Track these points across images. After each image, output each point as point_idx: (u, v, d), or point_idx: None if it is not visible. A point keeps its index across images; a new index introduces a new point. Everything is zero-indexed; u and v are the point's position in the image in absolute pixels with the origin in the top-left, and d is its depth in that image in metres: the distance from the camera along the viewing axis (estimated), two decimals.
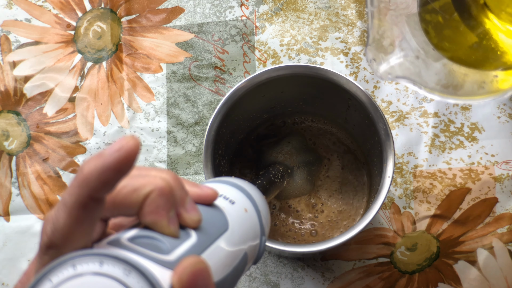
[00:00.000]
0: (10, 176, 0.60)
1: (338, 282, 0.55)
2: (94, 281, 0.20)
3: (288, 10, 0.59)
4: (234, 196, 0.31)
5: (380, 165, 0.46)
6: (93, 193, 0.22)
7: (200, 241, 0.25)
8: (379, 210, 0.47)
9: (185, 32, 0.60)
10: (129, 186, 0.25)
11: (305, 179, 0.53)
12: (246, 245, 0.29)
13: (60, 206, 0.22)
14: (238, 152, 0.56)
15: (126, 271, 0.20)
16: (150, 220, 0.24)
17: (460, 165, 0.55)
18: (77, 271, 0.20)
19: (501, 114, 0.56)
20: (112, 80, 0.60)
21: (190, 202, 0.26)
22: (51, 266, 0.20)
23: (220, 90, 0.59)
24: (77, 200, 0.22)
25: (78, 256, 0.21)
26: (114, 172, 0.22)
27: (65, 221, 0.22)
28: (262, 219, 0.32)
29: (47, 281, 0.20)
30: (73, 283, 0.20)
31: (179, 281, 0.21)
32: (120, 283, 0.20)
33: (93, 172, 0.21)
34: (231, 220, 0.28)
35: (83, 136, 0.60)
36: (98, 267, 0.20)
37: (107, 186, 0.22)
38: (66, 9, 0.62)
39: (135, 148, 0.22)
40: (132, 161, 0.22)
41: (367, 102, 0.45)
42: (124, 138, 0.22)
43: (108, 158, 0.21)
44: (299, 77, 0.47)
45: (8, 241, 0.59)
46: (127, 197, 0.24)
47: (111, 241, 0.24)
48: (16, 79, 0.61)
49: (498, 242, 0.54)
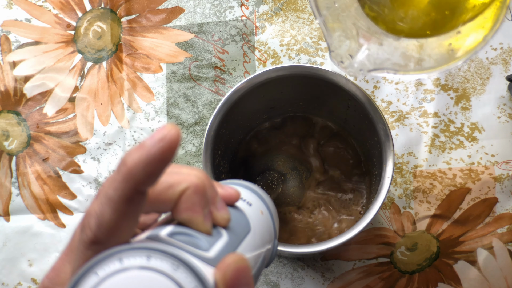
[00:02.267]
0: (10, 176, 0.60)
1: (338, 282, 0.55)
2: (141, 275, 0.20)
3: (288, 10, 0.59)
4: (250, 198, 0.31)
5: (380, 166, 0.46)
6: (138, 186, 0.21)
7: (230, 240, 0.25)
8: (379, 210, 0.47)
9: (185, 32, 0.60)
10: (165, 182, 0.24)
11: (297, 187, 0.54)
12: (264, 247, 0.29)
13: (104, 201, 0.21)
14: (237, 154, 0.56)
15: (174, 266, 0.20)
16: (186, 216, 0.24)
17: (460, 165, 0.55)
18: (124, 265, 0.20)
19: (501, 114, 0.56)
20: (112, 80, 0.60)
21: (221, 201, 0.26)
22: (97, 259, 0.20)
23: (220, 90, 0.59)
24: (123, 194, 0.21)
25: (124, 249, 0.20)
26: (158, 163, 0.21)
27: (111, 216, 0.21)
28: (275, 222, 0.32)
29: (93, 274, 0.20)
30: (120, 277, 0.19)
31: (223, 277, 0.21)
32: (168, 277, 0.20)
33: (138, 164, 0.21)
34: (252, 222, 0.28)
35: (83, 136, 0.60)
36: (145, 261, 0.20)
37: (152, 177, 0.21)
38: (66, 9, 0.62)
39: (177, 136, 0.21)
40: (174, 150, 0.21)
41: (366, 102, 0.45)
42: (165, 127, 0.21)
43: (151, 149, 0.21)
44: (298, 78, 0.47)
45: (8, 241, 0.59)
46: (162, 193, 0.24)
47: (150, 236, 0.23)
48: (16, 79, 0.61)
49: (498, 242, 0.54)
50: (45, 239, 0.59)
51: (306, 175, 0.55)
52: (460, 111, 0.56)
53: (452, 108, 0.56)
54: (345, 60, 0.39)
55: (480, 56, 0.56)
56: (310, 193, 0.55)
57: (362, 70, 0.39)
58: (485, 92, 0.56)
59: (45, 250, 0.59)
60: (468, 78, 0.56)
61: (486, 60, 0.56)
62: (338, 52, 0.39)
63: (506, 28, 0.56)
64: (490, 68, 0.56)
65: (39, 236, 0.59)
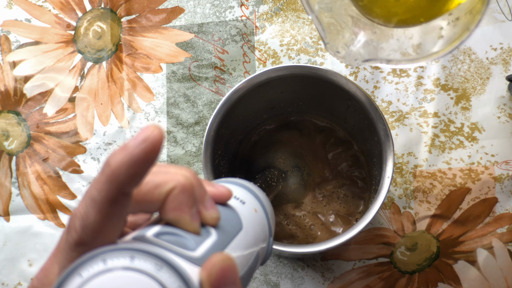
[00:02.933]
0: (10, 176, 0.60)
1: (338, 282, 0.55)
2: (125, 276, 0.20)
3: (288, 10, 0.59)
4: (243, 196, 0.31)
5: (380, 166, 0.46)
6: (122, 188, 0.21)
7: (220, 239, 0.25)
8: (379, 210, 0.47)
9: (185, 32, 0.60)
10: (151, 182, 0.24)
11: (298, 184, 0.54)
12: (258, 245, 0.29)
13: (88, 203, 0.22)
14: (237, 153, 0.56)
15: (158, 266, 0.20)
16: (173, 216, 0.24)
17: (460, 165, 0.55)
18: (108, 265, 0.20)
19: (501, 114, 0.56)
20: (112, 80, 0.60)
21: (209, 199, 0.26)
22: (81, 260, 0.20)
23: (220, 90, 0.59)
24: (107, 196, 0.21)
25: (108, 250, 0.20)
26: (142, 164, 0.21)
27: (95, 217, 0.21)
28: (270, 220, 0.32)
29: (77, 275, 0.20)
30: (104, 278, 0.20)
31: (209, 277, 0.21)
32: (151, 278, 0.20)
33: (122, 166, 0.21)
34: (244, 220, 0.28)
35: (83, 136, 0.60)
36: (129, 262, 0.20)
37: (136, 179, 0.21)
38: (66, 9, 0.62)
39: (160, 137, 0.21)
40: (158, 151, 0.21)
41: (366, 102, 0.45)
42: (148, 128, 0.21)
43: (134, 150, 0.21)
44: (298, 78, 0.47)
45: (8, 241, 0.59)
46: (149, 193, 0.24)
47: (136, 237, 0.23)
48: (16, 79, 0.61)
49: (497, 242, 0.54)
50: (45, 239, 0.59)
51: (307, 172, 0.55)
52: (460, 111, 0.56)
53: (452, 108, 0.56)
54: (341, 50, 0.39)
55: (480, 56, 0.56)
56: (310, 192, 0.55)
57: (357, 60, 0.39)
58: (485, 92, 0.56)
59: (45, 250, 0.59)
60: (468, 78, 0.56)
61: (486, 60, 0.56)
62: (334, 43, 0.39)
63: (506, 28, 0.56)
64: (490, 68, 0.56)
65: (39, 236, 0.59)
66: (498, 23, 0.56)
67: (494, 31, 0.56)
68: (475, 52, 0.57)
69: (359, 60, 0.39)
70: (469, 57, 0.57)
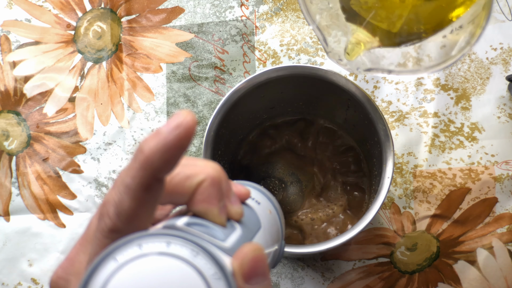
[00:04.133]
0: (10, 176, 0.60)
1: (338, 282, 0.55)
2: (161, 261, 0.19)
3: (288, 10, 0.59)
4: (258, 197, 0.31)
5: (380, 166, 0.46)
6: (156, 173, 0.21)
7: (244, 234, 0.25)
8: (379, 210, 0.47)
9: (185, 32, 0.60)
10: (182, 173, 0.24)
11: (297, 195, 0.54)
12: (273, 246, 0.29)
13: (122, 189, 0.21)
14: (237, 154, 0.56)
15: (194, 252, 0.20)
16: (202, 208, 0.24)
17: (460, 165, 0.55)
18: (143, 250, 0.20)
19: (501, 114, 0.56)
20: (112, 80, 0.60)
21: (234, 195, 0.27)
22: (116, 245, 0.20)
23: (220, 90, 0.59)
24: (141, 182, 0.21)
25: (144, 236, 0.20)
26: (175, 150, 0.21)
27: (130, 204, 0.21)
28: (282, 222, 0.32)
29: (112, 260, 0.19)
30: (139, 263, 0.19)
31: (241, 266, 0.21)
32: (188, 263, 0.19)
33: (156, 152, 0.21)
34: (262, 219, 0.29)
35: (83, 136, 0.60)
36: (165, 247, 0.20)
37: (170, 164, 0.21)
38: (66, 9, 0.62)
39: (193, 123, 0.21)
40: (191, 137, 0.21)
41: (366, 102, 0.45)
42: (180, 113, 0.21)
43: (168, 136, 0.21)
44: (298, 78, 0.47)
45: (8, 241, 0.59)
46: (180, 184, 0.24)
47: (167, 225, 0.23)
48: (16, 79, 0.61)
49: (497, 242, 0.54)
50: (45, 239, 0.59)
51: (307, 172, 0.55)
52: (460, 111, 0.56)
53: (452, 108, 0.56)
54: (343, 58, 0.40)
55: (480, 56, 0.56)
56: (310, 192, 0.55)
57: (359, 69, 0.39)
58: (485, 92, 0.56)
59: (45, 250, 0.59)
60: (468, 78, 0.56)
61: (486, 60, 0.56)
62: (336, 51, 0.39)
63: (506, 28, 0.56)
64: (490, 68, 0.56)
65: (39, 236, 0.59)
66: (498, 23, 0.56)
67: (494, 31, 0.56)
68: (475, 52, 0.57)
69: (361, 69, 0.39)
70: (469, 57, 0.57)
